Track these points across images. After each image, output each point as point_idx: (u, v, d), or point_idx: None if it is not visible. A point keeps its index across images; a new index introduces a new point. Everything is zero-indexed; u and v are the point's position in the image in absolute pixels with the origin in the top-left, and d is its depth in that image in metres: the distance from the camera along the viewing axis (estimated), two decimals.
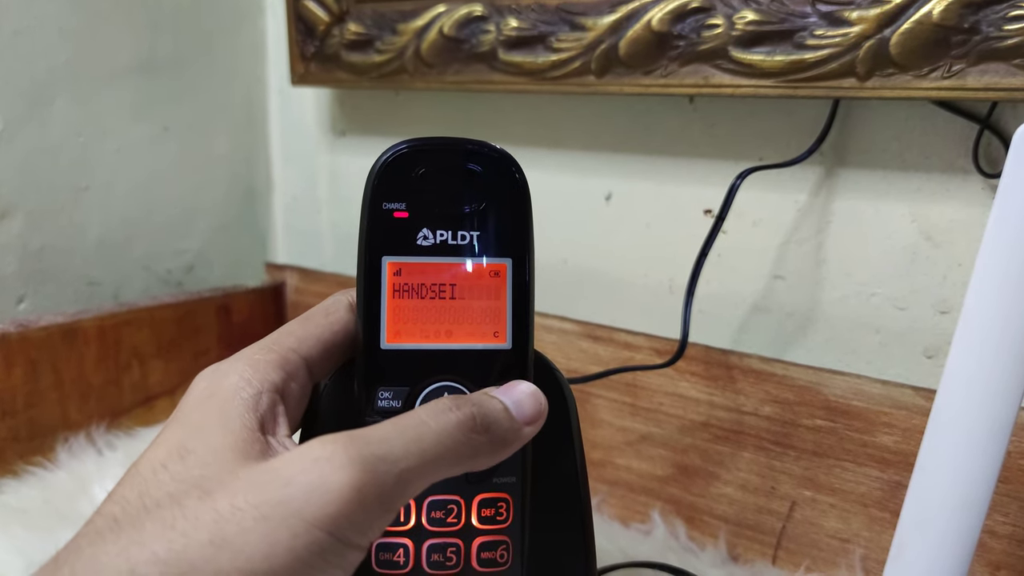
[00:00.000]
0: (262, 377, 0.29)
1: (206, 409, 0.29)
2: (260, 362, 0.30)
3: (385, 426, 0.27)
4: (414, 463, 0.26)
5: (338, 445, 0.25)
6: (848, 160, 0.53)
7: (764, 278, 0.58)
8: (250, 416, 0.28)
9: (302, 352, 0.31)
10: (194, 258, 0.81)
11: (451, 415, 0.28)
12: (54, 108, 0.69)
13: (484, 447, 0.28)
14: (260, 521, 0.24)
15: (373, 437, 0.26)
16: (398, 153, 0.31)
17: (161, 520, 0.25)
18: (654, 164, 0.61)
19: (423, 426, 0.27)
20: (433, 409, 0.28)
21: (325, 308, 0.33)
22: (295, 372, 0.31)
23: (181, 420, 0.29)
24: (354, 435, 0.26)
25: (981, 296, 0.33)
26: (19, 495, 0.59)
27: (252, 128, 0.84)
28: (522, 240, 0.32)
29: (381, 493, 0.25)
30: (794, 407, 0.54)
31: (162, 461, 0.27)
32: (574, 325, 0.63)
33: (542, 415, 0.31)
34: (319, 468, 0.25)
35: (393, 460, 0.26)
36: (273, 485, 0.25)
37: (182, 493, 0.25)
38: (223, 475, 0.26)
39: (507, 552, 0.32)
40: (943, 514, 0.34)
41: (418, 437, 0.27)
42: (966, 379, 0.33)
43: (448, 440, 0.27)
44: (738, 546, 0.57)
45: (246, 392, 0.29)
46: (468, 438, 0.28)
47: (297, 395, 0.31)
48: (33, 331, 0.63)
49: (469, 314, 0.31)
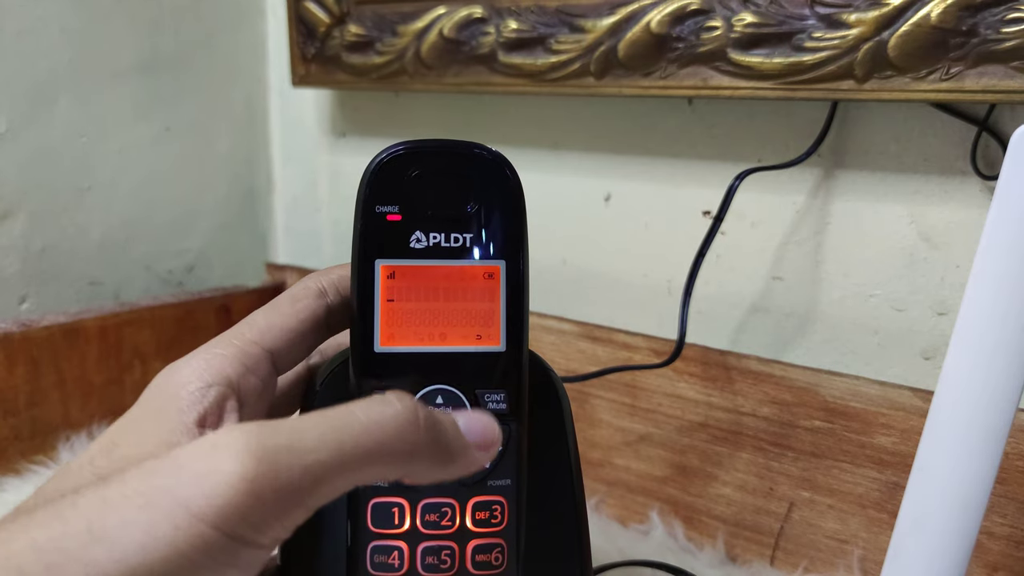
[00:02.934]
0: (215, 371, 0.28)
1: (148, 405, 0.28)
2: (216, 356, 0.29)
3: (308, 416, 0.25)
4: (327, 456, 0.23)
5: (240, 432, 0.23)
6: (846, 162, 0.54)
7: (763, 279, 0.58)
8: (189, 410, 0.27)
9: (265, 344, 0.30)
10: (195, 258, 0.81)
11: (388, 408, 0.25)
12: (56, 109, 0.69)
13: (423, 448, 0.25)
14: (143, 510, 0.22)
15: (285, 426, 0.24)
16: (391, 155, 0.31)
17: (53, 508, 0.23)
18: (653, 165, 0.61)
19: (349, 416, 0.25)
20: (367, 401, 0.25)
21: (292, 295, 0.32)
22: (255, 365, 0.30)
23: (124, 416, 0.28)
24: (266, 423, 0.24)
25: (978, 298, 0.33)
26: (21, 493, 0.59)
27: (253, 129, 0.85)
28: (516, 242, 0.32)
29: (279, 486, 0.23)
30: (792, 408, 0.54)
31: (91, 456, 0.27)
32: (573, 325, 0.63)
33: (493, 443, 0.28)
34: (214, 455, 0.23)
35: (301, 451, 0.23)
36: (164, 471, 0.23)
37: (87, 484, 0.24)
38: (132, 464, 0.24)
39: (502, 555, 0.32)
40: (941, 515, 0.34)
41: (340, 427, 0.24)
42: (964, 380, 0.33)
43: (379, 433, 0.24)
44: (736, 547, 0.57)
45: (193, 386, 0.28)
46: (404, 433, 0.25)
47: (258, 388, 0.30)
48: (35, 330, 0.64)
49: (463, 317, 0.31)
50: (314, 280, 0.33)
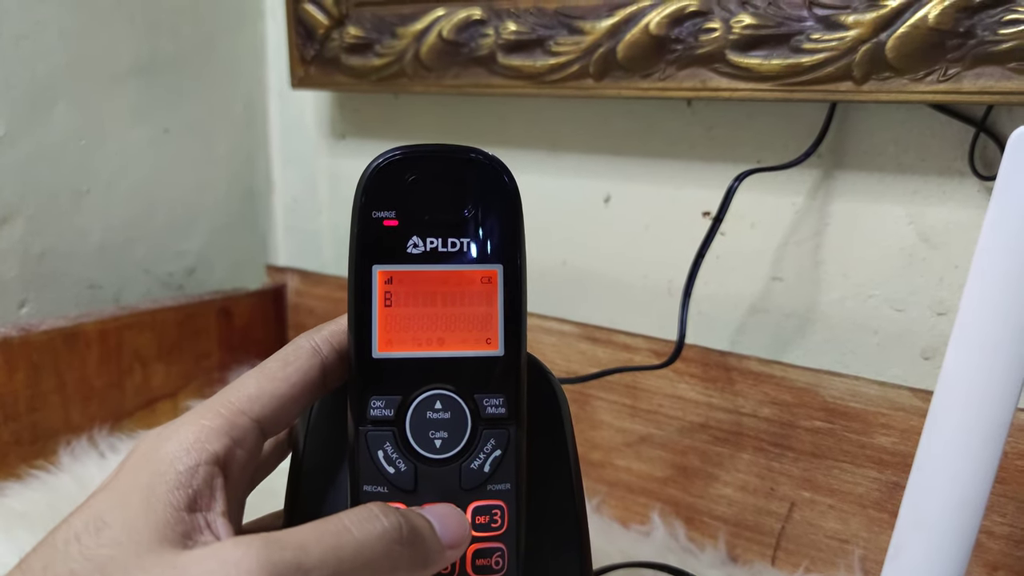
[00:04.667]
0: (202, 447, 0.28)
1: (136, 478, 0.28)
2: (204, 429, 0.29)
3: (304, 530, 0.26)
4: (328, 574, 0.26)
5: (251, 549, 0.25)
6: (845, 163, 0.54)
7: (762, 280, 0.58)
8: (179, 493, 0.27)
9: (253, 413, 0.30)
10: (195, 260, 0.81)
11: (376, 524, 0.27)
12: (55, 112, 0.69)
13: (404, 562, 0.28)
14: None
15: (290, 543, 0.26)
16: (387, 161, 0.31)
17: None
18: (652, 167, 0.61)
19: (345, 534, 0.27)
20: (359, 516, 0.28)
21: (284, 358, 0.32)
22: (242, 438, 0.29)
23: (111, 487, 0.28)
24: (270, 539, 0.25)
25: (977, 297, 0.33)
26: (22, 498, 0.59)
27: (252, 130, 0.85)
28: (513, 246, 0.32)
29: None
30: (792, 408, 0.54)
31: (77, 532, 0.26)
32: (573, 327, 0.63)
33: (465, 539, 0.30)
34: (225, 571, 0.24)
35: (306, 569, 0.25)
36: None
37: (84, 574, 0.25)
38: (130, 561, 0.25)
39: (502, 559, 0.32)
40: (941, 515, 0.34)
41: (337, 546, 0.26)
42: (963, 379, 0.33)
43: (368, 551, 0.27)
44: (737, 547, 0.57)
45: (182, 464, 0.28)
46: (390, 550, 0.27)
47: (243, 461, 0.30)
48: (35, 335, 0.64)
49: (461, 321, 0.31)
50: (306, 339, 0.32)
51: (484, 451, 0.31)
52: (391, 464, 0.31)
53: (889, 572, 0.36)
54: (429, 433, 0.31)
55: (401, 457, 0.31)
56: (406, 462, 0.31)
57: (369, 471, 0.31)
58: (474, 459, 0.31)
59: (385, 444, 0.31)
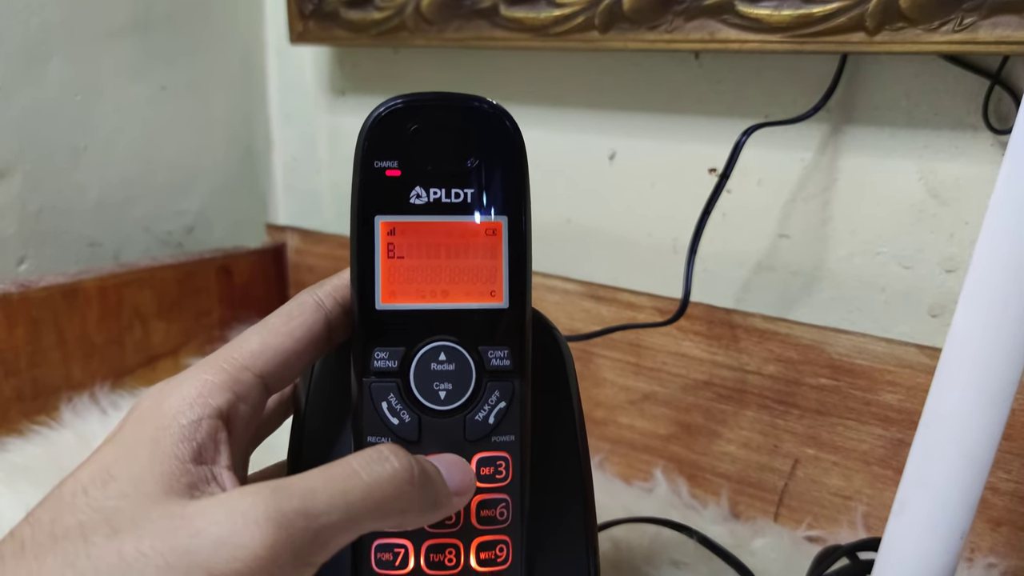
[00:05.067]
0: (205, 401, 0.28)
1: (141, 432, 0.27)
2: (207, 384, 0.28)
3: (312, 475, 0.26)
4: (337, 518, 0.25)
5: (258, 498, 0.25)
6: (855, 117, 0.53)
7: (769, 237, 0.57)
8: (184, 446, 0.27)
9: (256, 368, 0.30)
10: (194, 219, 0.81)
11: (387, 465, 0.27)
12: (50, 67, 0.68)
13: (416, 503, 0.28)
14: (163, 570, 0.23)
15: (297, 489, 0.25)
16: (389, 109, 0.31)
17: (64, 555, 0.24)
18: (658, 122, 0.60)
19: (353, 477, 0.26)
20: (367, 458, 0.27)
21: (287, 313, 0.31)
22: (246, 393, 0.29)
23: (116, 440, 0.28)
24: (277, 486, 0.25)
25: (989, 253, 0.33)
26: (25, 453, 0.59)
27: (251, 87, 0.83)
28: (518, 197, 0.31)
29: (297, 551, 0.24)
30: (798, 366, 0.54)
31: (84, 485, 0.26)
32: (577, 285, 0.63)
33: (471, 487, 0.30)
34: (232, 522, 0.24)
35: (315, 515, 0.25)
36: (182, 533, 0.24)
37: (92, 526, 0.25)
38: (137, 512, 0.25)
39: (507, 510, 0.32)
40: (947, 471, 0.34)
41: (346, 489, 0.26)
42: (973, 335, 0.33)
43: (378, 493, 0.27)
44: (740, 503, 0.57)
45: (185, 418, 0.27)
46: (401, 491, 0.27)
47: (246, 416, 0.29)
48: (34, 291, 0.63)
49: (465, 273, 0.31)
50: (309, 294, 0.32)
51: (488, 403, 0.31)
52: (395, 415, 0.31)
53: (893, 527, 0.35)
54: (433, 384, 0.31)
55: (405, 408, 0.31)
56: (410, 413, 0.31)
57: (373, 422, 0.31)
58: (479, 411, 0.31)
59: (389, 395, 0.31)
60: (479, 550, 0.32)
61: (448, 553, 0.32)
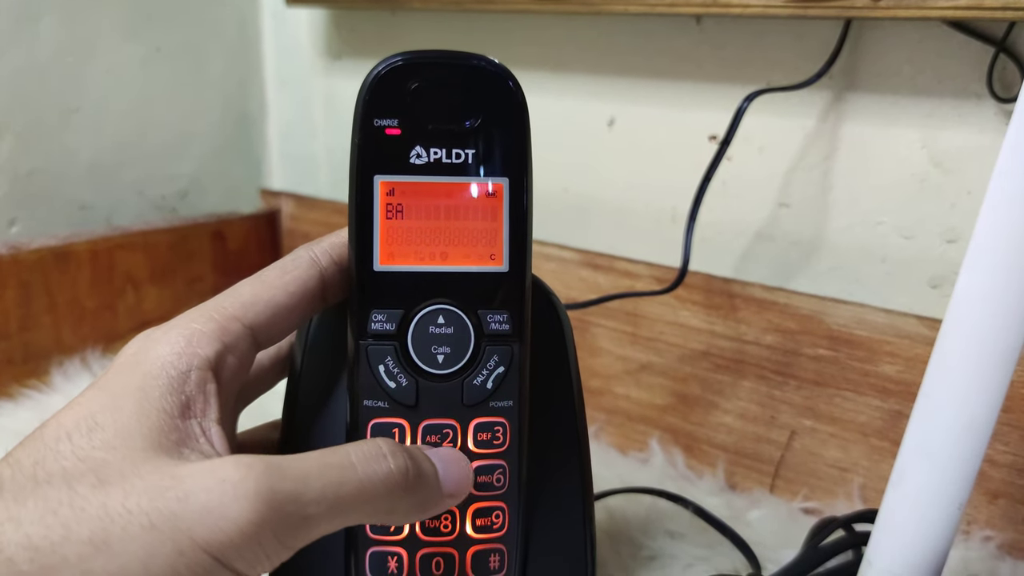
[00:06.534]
0: (194, 351, 0.27)
1: (128, 380, 0.27)
2: (196, 333, 0.28)
3: (308, 461, 0.26)
4: (326, 509, 0.25)
5: (251, 472, 0.24)
6: (858, 84, 0.52)
7: (769, 206, 0.56)
8: (171, 399, 0.26)
9: (247, 320, 0.29)
10: (188, 183, 0.80)
11: (382, 464, 0.27)
12: (40, 26, 0.66)
13: (402, 506, 0.27)
14: (147, 530, 0.23)
15: (292, 472, 0.25)
16: (389, 67, 0.30)
17: (46, 500, 0.23)
18: (659, 88, 0.60)
19: (349, 471, 0.26)
20: (365, 453, 0.27)
21: (283, 266, 0.31)
22: (234, 344, 0.29)
23: (101, 386, 0.27)
24: (272, 464, 0.25)
25: (992, 222, 0.32)
26: (15, 417, 0.59)
27: (245, 51, 0.82)
28: (520, 159, 0.31)
29: (280, 533, 0.24)
30: (796, 336, 0.53)
31: (68, 430, 0.25)
32: (574, 253, 0.62)
33: (465, 490, 0.30)
34: (222, 492, 0.24)
35: (304, 502, 0.25)
36: (170, 494, 0.24)
37: (77, 475, 0.24)
38: (125, 466, 0.24)
39: (503, 475, 0.31)
40: (945, 442, 0.33)
41: (339, 482, 0.26)
42: (974, 305, 0.33)
43: (369, 491, 0.26)
44: (736, 474, 0.57)
45: (173, 369, 0.27)
46: (392, 494, 0.27)
47: (234, 368, 0.29)
48: (25, 253, 0.63)
49: (465, 236, 0.30)
50: (305, 250, 0.31)
51: (487, 367, 0.31)
52: (392, 379, 0.30)
53: (891, 498, 0.35)
54: (431, 348, 0.30)
55: (402, 372, 0.30)
56: (407, 377, 0.30)
57: (370, 385, 0.30)
58: (477, 375, 0.31)
59: (386, 358, 0.30)
60: (475, 516, 0.32)
61: (444, 519, 0.32)
